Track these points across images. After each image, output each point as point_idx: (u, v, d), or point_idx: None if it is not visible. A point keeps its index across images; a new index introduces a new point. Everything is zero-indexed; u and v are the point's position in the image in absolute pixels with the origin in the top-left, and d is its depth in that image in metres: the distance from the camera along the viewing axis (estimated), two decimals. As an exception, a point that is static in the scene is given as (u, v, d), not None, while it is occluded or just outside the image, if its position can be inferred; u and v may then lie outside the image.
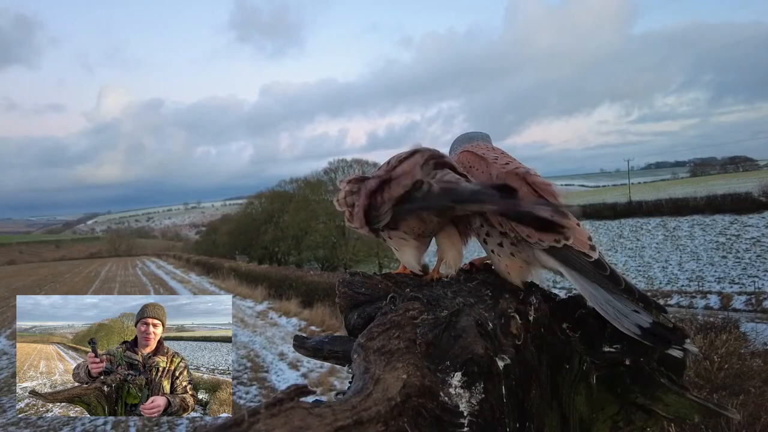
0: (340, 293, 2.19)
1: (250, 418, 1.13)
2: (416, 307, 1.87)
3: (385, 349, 1.61)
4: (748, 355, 9.98)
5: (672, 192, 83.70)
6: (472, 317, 1.73)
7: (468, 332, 1.69)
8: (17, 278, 56.72)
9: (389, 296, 2.03)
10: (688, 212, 61.67)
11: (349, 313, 2.13)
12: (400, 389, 1.50)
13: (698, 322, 14.64)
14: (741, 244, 48.88)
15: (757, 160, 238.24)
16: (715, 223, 56.82)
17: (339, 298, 2.19)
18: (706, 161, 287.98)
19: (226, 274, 38.60)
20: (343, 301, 2.17)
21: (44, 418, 10.89)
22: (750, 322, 19.33)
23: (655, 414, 1.75)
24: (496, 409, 1.68)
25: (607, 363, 1.74)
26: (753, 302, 30.35)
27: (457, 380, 1.66)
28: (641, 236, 58.37)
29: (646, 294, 1.72)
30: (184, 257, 73.34)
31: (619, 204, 71.38)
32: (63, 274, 62.33)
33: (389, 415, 1.42)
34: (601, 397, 1.73)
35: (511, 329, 1.77)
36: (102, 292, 36.84)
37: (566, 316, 1.90)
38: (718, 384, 8.07)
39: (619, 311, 1.67)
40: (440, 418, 1.57)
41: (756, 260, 43.53)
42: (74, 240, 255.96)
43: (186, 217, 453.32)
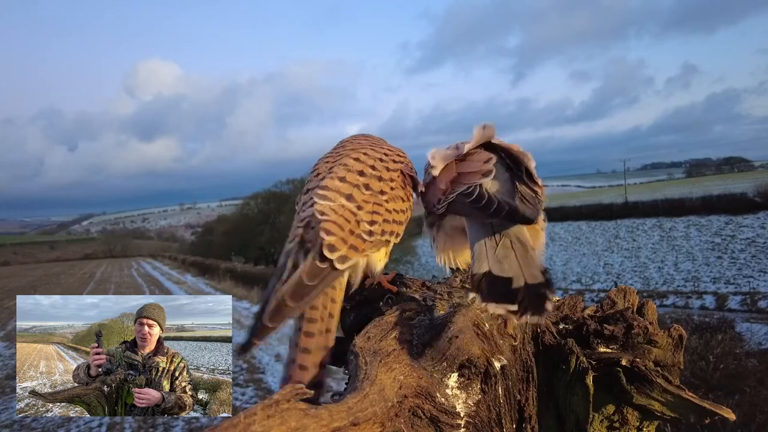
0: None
1: (246, 419, 1.13)
2: (412, 308, 1.88)
3: (381, 351, 1.61)
4: (744, 355, 10.03)
5: (668, 192, 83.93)
6: (468, 318, 1.74)
7: (464, 333, 1.69)
8: (12, 279, 56.42)
9: (386, 297, 2.03)
10: (684, 213, 61.88)
11: (345, 313, 2.14)
12: (397, 390, 1.51)
13: (694, 322, 14.70)
14: (736, 244, 49.05)
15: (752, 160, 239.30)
16: (710, 223, 57.01)
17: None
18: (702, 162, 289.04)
19: (222, 275, 38.50)
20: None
21: (39, 420, 10.84)
22: (745, 323, 19.41)
23: (651, 414, 1.76)
24: (492, 410, 1.68)
25: (603, 363, 1.75)
26: (748, 302, 30.43)
27: (453, 381, 1.66)
28: (637, 237, 58.51)
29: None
30: (179, 258, 73.04)
31: (615, 205, 71.60)
32: (58, 275, 62.03)
33: (385, 416, 1.43)
34: (598, 398, 1.74)
35: (507, 330, 1.78)
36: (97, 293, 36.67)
37: (563, 317, 1.91)
38: (713, 384, 8.10)
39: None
40: (437, 419, 1.58)
41: (751, 260, 43.67)
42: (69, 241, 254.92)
43: (182, 218, 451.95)
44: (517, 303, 1.57)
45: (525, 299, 1.57)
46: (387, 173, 2.01)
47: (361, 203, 1.88)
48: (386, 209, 1.93)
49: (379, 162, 2.04)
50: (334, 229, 1.79)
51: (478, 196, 1.76)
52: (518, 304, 1.57)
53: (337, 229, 1.79)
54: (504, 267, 1.65)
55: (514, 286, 1.60)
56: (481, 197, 1.75)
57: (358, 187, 1.91)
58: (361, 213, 1.86)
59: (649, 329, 1.81)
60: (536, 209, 1.74)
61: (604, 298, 1.99)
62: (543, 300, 1.58)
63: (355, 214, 1.85)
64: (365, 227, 1.84)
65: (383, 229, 1.89)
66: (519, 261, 1.67)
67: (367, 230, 1.84)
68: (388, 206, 1.94)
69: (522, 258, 1.68)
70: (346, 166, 1.98)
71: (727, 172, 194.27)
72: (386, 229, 1.91)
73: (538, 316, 1.57)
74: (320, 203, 1.85)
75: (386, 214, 1.92)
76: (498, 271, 1.64)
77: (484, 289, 1.61)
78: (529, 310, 1.56)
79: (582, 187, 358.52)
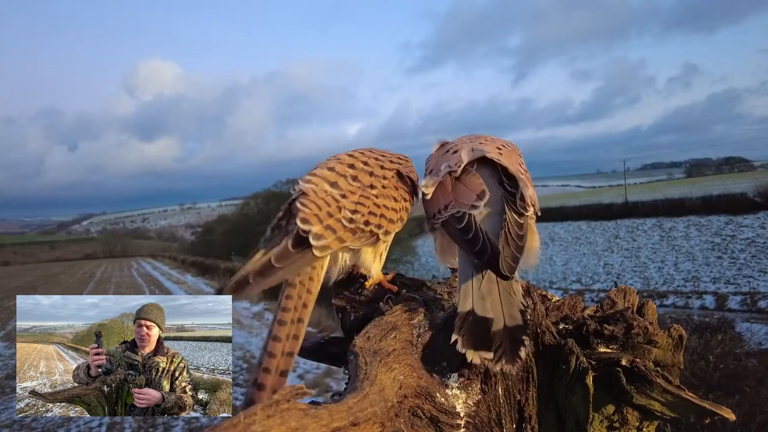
0: (337, 294, 2.19)
1: (246, 419, 1.13)
2: (413, 308, 1.88)
3: (381, 351, 1.62)
4: (743, 355, 10.02)
5: (668, 192, 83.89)
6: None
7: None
8: (12, 279, 56.40)
9: (386, 297, 2.03)
10: (684, 213, 61.89)
11: (345, 313, 2.14)
12: (397, 390, 1.51)
13: (694, 322, 14.70)
14: (736, 244, 49.04)
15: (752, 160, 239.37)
16: (710, 223, 57.01)
17: (335, 299, 2.20)
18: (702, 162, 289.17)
19: (222, 275, 38.48)
20: (340, 302, 2.18)
21: (39, 420, 10.84)
22: (745, 323, 19.40)
23: (651, 414, 1.76)
24: (492, 410, 1.69)
25: (603, 364, 1.75)
26: (748, 302, 30.41)
27: (453, 381, 1.66)
28: (637, 237, 58.50)
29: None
30: (179, 258, 72.98)
31: (615, 205, 71.59)
32: (58, 275, 61.99)
33: (385, 416, 1.43)
34: (598, 398, 1.73)
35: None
36: (97, 293, 36.67)
37: (563, 317, 1.91)
38: (713, 384, 8.10)
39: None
40: (437, 419, 1.58)
41: (751, 260, 43.64)
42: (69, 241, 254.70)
43: (182, 218, 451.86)
44: (493, 351, 1.63)
45: (501, 346, 1.64)
46: (380, 171, 2.07)
47: (347, 192, 1.95)
48: (374, 203, 1.98)
49: (374, 160, 2.11)
50: (311, 207, 1.87)
51: (466, 226, 1.81)
52: (494, 352, 1.63)
53: (314, 206, 1.87)
54: (486, 306, 1.71)
55: (493, 329, 1.67)
56: (469, 228, 1.80)
57: (345, 177, 2.00)
58: (344, 201, 1.93)
59: (649, 329, 1.81)
60: (516, 258, 1.77)
61: (604, 298, 1.99)
62: (518, 346, 1.65)
63: (337, 200, 1.92)
64: (346, 214, 1.90)
65: (368, 220, 1.94)
66: (501, 298, 1.73)
67: (348, 217, 1.90)
68: (378, 201, 2.00)
69: (504, 293, 1.74)
70: (339, 159, 2.09)
71: (727, 172, 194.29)
72: (372, 221, 1.95)
73: (510, 365, 1.63)
74: (304, 185, 1.95)
75: (374, 207, 1.97)
76: (480, 311, 1.70)
77: (465, 333, 1.66)
78: (503, 358, 1.62)
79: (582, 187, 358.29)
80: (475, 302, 1.71)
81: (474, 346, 1.63)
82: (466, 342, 1.63)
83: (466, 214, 1.83)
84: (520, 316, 1.70)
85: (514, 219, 1.84)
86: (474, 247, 1.76)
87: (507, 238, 1.78)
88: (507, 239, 1.78)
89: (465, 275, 1.79)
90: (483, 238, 1.76)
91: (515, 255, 1.76)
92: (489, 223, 1.85)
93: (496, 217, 1.87)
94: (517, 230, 1.82)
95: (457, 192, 1.94)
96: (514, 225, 1.82)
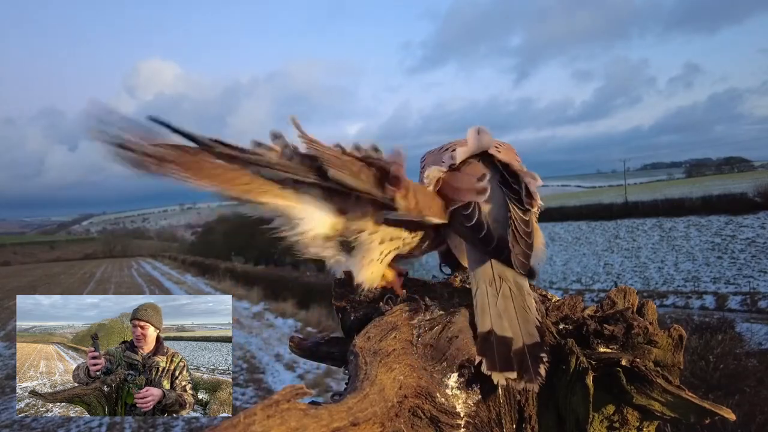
0: (337, 294, 2.19)
1: (246, 419, 1.13)
2: (413, 307, 1.88)
3: (381, 351, 1.61)
4: (744, 356, 10.02)
5: (668, 192, 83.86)
6: (468, 318, 1.74)
7: (464, 333, 1.70)
8: (12, 279, 56.45)
9: (386, 297, 2.03)
10: (684, 213, 61.82)
11: (345, 314, 2.14)
12: (397, 390, 1.51)
13: (694, 322, 14.69)
14: (736, 244, 49.01)
15: (752, 160, 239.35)
16: (710, 223, 56.99)
17: (335, 299, 2.19)
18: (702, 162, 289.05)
19: (222, 275, 38.47)
20: (339, 302, 2.18)
21: (39, 420, 10.85)
22: (745, 323, 19.39)
23: (651, 414, 1.76)
24: (492, 410, 1.69)
25: (604, 363, 1.75)
26: (748, 302, 30.37)
27: (453, 381, 1.66)
28: (637, 237, 58.49)
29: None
30: (179, 258, 72.99)
31: (615, 205, 71.50)
32: (58, 275, 62.04)
33: (385, 417, 1.43)
34: (598, 398, 1.73)
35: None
36: (97, 293, 36.71)
37: (563, 317, 1.91)
38: (713, 384, 8.11)
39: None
40: (437, 419, 1.58)
41: (751, 261, 43.60)
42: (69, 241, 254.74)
43: (182, 218, 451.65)
44: (516, 371, 1.62)
45: (523, 364, 1.63)
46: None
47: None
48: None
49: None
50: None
51: (477, 223, 1.78)
52: (517, 372, 1.62)
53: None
54: (504, 325, 1.69)
55: (513, 347, 1.66)
56: (480, 226, 1.77)
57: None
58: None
59: (649, 329, 1.81)
60: (527, 254, 1.76)
61: (604, 298, 1.99)
62: (538, 364, 1.64)
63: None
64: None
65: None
66: (517, 314, 1.71)
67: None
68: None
69: (520, 310, 1.72)
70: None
71: (727, 172, 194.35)
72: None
73: (532, 384, 1.62)
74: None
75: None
76: (499, 330, 1.68)
77: (488, 353, 1.64)
78: (525, 377, 1.62)
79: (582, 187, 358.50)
80: (493, 321, 1.70)
81: (499, 367, 1.62)
82: (490, 364, 1.62)
83: (474, 206, 1.80)
84: (537, 332, 1.69)
85: (519, 216, 1.81)
86: (489, 244, 1.74)
87: (515, 235, 1.77)
88: (515, 237, 1.76)
89: (481, 295, 1.76)
90: (487, 224, 1.74)
91: (526, 252, 1.75)
92: (493, 217, 1.82)
93: (500, 212, 1.84)
94: (524, 227, 1.80)
95: (455, 181, 1.93)
96: (521, 222, 1.80)
